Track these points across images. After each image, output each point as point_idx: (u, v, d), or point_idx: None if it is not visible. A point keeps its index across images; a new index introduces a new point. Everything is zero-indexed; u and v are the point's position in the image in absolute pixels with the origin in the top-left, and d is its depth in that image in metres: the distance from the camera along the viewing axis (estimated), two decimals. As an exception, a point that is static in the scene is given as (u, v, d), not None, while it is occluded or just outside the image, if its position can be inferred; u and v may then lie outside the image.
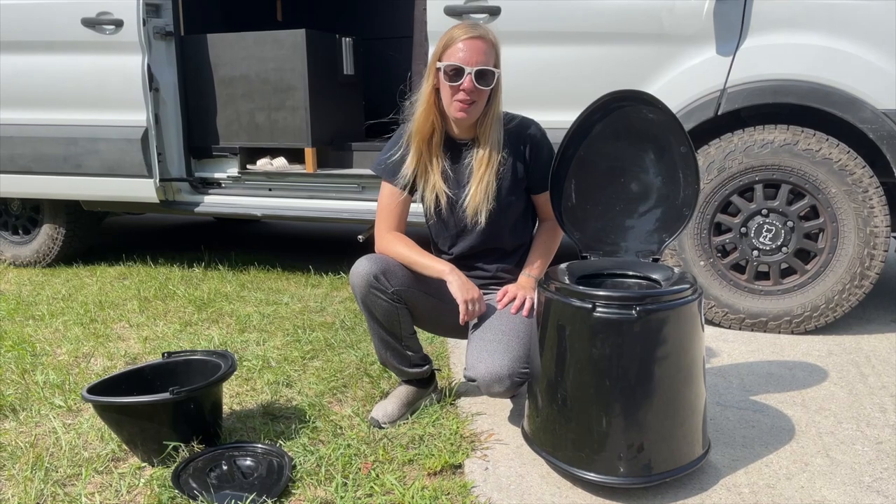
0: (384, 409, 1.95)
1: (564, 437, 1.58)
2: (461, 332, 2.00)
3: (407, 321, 1.89)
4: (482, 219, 1.90)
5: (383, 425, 1.92)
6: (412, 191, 1.95)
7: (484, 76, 1.77)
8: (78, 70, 3.37)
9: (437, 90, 1.83)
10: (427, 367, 1.99)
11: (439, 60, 1.79)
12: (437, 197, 1.90)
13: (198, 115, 3.54)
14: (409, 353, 1.93)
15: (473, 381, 1.78)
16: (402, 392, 1.99)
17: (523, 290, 1.90)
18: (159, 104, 3.39)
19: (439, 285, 1.85)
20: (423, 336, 2.45)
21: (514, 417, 1.96)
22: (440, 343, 2.58)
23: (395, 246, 1.90)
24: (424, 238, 2.00)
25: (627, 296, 1.50)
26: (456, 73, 1.76)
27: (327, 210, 3.32)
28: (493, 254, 2.00)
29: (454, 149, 1.92)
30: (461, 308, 1.79)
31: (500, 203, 1.91)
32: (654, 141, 1.80)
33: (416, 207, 1.99)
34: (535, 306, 1.71)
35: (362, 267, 1.83)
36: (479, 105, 1.81)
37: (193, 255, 4.11)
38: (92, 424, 1.94)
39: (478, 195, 1.87)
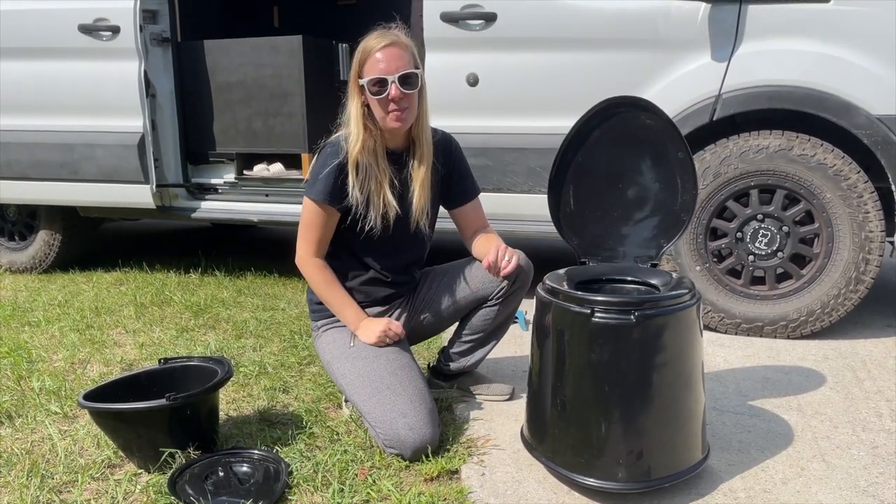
0: None
1: (564, 443, 1.58)
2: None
3: None
4: (424, 224, 1.94)
5: None
6: (347, 210, 1.88)
7: (408, 80, 1.77)
8: (75, 76, 3.37)
9: (366, 106, 1.83)
10: None
11: (360, 77, 1.80)
12: (385, 213, 1.86)
13: (194, 121, 3.54)
14: None
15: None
16: None
17: (506, 247, 1.82)
18: (156, 110, 3.39)
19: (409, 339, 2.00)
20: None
21: (511, 422, 1.96)
22: (437, 347, 2.57)
23: (318, 276, 1.91)
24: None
25: (626, 301, 1.51)
26: (380, 86, 1.76)
27: None
28: (418, 262, 2.06)
29: (392, 161, 1.91)
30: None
31: (434, 208, 1.98)
32: (651, 147, 1.81)
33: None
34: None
35: (428, 435, 1.74)
36: (413, 109, 1.82)
37: (190, 261, 4.11)
38: (88, 431, 1.93)
39: (421, 199, 1.89)
